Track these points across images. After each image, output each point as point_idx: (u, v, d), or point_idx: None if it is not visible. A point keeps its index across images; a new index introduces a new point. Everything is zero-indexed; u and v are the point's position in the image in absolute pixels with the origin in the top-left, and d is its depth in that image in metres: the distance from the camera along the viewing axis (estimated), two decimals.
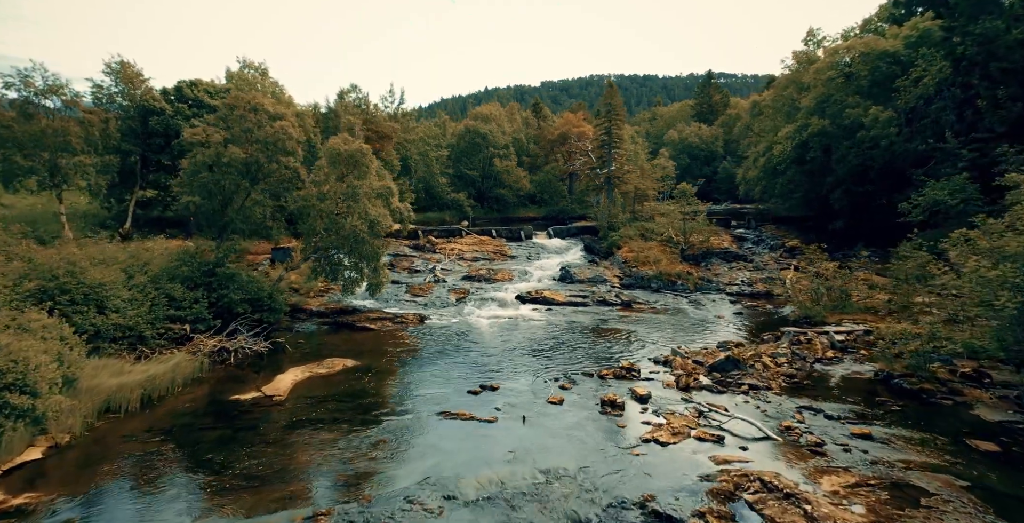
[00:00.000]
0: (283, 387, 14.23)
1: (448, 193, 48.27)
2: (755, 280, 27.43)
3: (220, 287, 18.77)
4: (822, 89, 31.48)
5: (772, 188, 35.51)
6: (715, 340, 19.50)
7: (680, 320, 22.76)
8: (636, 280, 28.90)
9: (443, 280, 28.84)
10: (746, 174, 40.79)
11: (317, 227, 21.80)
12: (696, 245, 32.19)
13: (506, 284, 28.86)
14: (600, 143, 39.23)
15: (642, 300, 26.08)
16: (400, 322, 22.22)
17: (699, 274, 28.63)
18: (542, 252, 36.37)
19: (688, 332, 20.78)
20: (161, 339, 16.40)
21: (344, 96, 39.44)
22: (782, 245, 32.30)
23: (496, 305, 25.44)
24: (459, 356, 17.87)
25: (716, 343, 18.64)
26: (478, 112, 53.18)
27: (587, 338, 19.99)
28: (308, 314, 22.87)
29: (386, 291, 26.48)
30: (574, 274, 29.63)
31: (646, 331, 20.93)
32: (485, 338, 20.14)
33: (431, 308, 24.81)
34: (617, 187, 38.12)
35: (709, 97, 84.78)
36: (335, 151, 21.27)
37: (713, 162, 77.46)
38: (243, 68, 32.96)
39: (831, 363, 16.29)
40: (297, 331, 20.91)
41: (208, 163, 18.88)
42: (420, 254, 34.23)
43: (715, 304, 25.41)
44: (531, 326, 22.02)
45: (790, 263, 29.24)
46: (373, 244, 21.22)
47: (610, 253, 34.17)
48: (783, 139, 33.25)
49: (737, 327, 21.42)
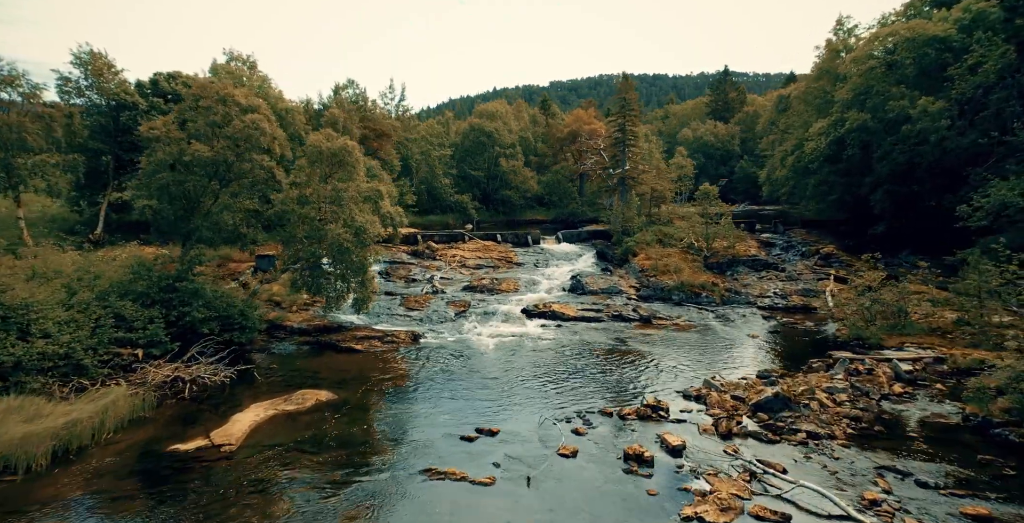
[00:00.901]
0: (238, 432, 11.73)
1: (451, 195, 45.80)
2: (789, 292, 24.55)
3: (182, 304, 16.37)
4: (860, 80, 28.52)
5: (803, 189, 32.56)
6: (752, 366, 16.74)
7: (708, 339, 19.99)
8: (655, 291, 26.14)
9: (442, 291, 26.30)
10: (772, 174, 37.85)
11: (298, 234, 19.40)
12: (720, 252, 29.35)
13: (511, 295, 26.26)
14: (613, 141, 36.51)
15: (663, 315, 23.33)
16: (390, 341, 19.70)
17: (725, 285, 25.81)
18: (551, 259, 33.70)
19: (719, 355, 18.02)
20: (106, 367, 14.01)
21: (339, 91, 37.12)
22: (816, 252, 29.33)
23: (500, 320, 22.84)
24: (454, 386, 15.29)
25: (756, 372, 15.87)
26: (483, 109, 50.70)
27: (603, 362, 17.32)
28: (288, 332, 20.42)
29: (378, 304, 24.03)
30: (586, 284, 26.95)
31: (670, 353, 18.21)
32: (486, 362, 17.55)
33: (427, 324, 22.27)
34: (632, 188, 35.38)
35: (725, 94, 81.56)
36: (316, 149, 18.84)
37: (729, 161, 74.30)
38: (230, 60, 30.73)
39: (902, 401, 13.46)
40: (273, 352, 18.45)
41: (169, 162, 16.49)
42: (418, 261, 31.73)
43: (746, 320, 22.59)
44: (538, 346, 19.39)
45: (828, 272, 26.31)
46: (360, 254, 18.76)
47: (625, 260, 31.43)
48: (815, 135, 30.32)
49: (775, 349, 18.61)
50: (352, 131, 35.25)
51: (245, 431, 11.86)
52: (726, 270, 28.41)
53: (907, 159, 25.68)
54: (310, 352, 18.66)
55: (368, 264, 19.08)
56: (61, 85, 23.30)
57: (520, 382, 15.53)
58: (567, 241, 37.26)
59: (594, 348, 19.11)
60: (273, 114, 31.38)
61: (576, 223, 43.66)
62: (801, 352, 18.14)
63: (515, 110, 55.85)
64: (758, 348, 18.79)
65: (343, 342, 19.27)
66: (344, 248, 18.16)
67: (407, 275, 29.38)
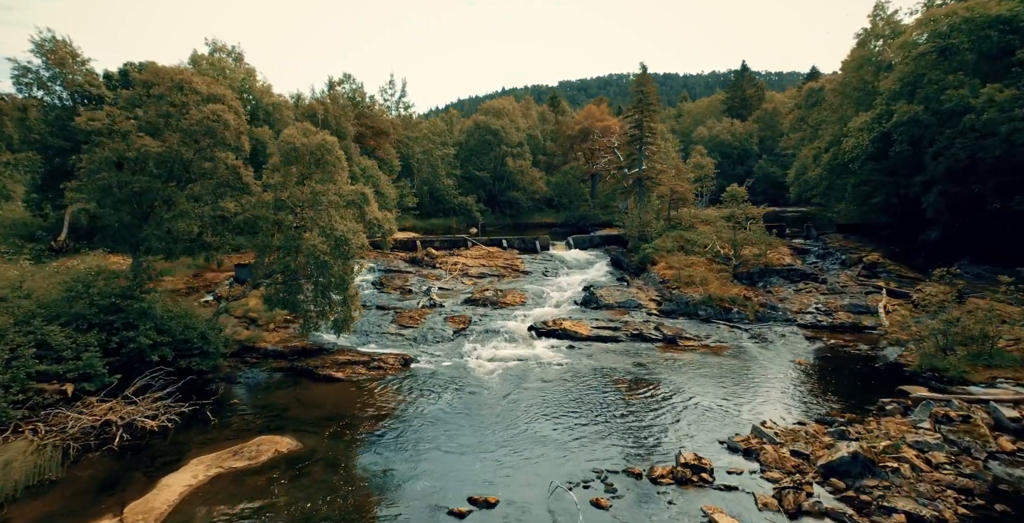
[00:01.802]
0: (161, 504, 9.13)
1: (455, 196, 43.26)
2: (834, 307, 21.55)
3: (127, 328, 13.88)
4: (908, 68, 25.44)
5: (840, 190, 29.48)
6: (805, 404, 13.85)
7: (745, 366, 17.10)
8: (678, 306, 23.26)
9: (440, 305, 23.65)
10: (801, 174, 34.74)
11: (271, 243, 16.86)
12: (750, 260, 26.39)
13: (517, 310, 23.54)
14: (629, 138, 33.65)
15: (690, 334, 20.46)
16: (377, 367, 17.06)
17: (759, 298, 22.85)
18: (561, 267, 30.92)
19: (762, 387, 15.14)
20: (22, 409, 11.52)
21: (334, 87, 34.71)
22: (858, 260, 26.24)
23: (503, 340, 20.12)
24: (446, 431, 12.60)
25: (815, 415, 12.98)
26: (489, 106, 48.09)
27: (624, 397, 14.52)
28: (261, 355, 17.87)
29: (367, 320, 21.45)
30: (600, 297, 24.14)
31: (703, 385, 15.37)
32: (485, 396, 14.84)
33: (421, 345, 19.62)
34: (650, 190, 32.49)
35: (742, 90, 78.20)
36: (290, 145, 16.28)
37: (747, 161, 70.98)
38: (213, 51, 28.41)
39: (1017, 462, 10.51)
40: (239, 382, 15.89)
41: (114, 159, 14.01)
42: (416, 270, 29.12)
43: (786, 341, 19.64)
44: (547, 374, 16.65)
45: (876, 285, 23.24)
46: (341, 267, 16.17)
47: (642, 269, 28.56)
48: (856, 131, 27.25)
49: (829, 380, 15.67)
50: (346, 128, 32.82)
51: (173, 502, 9.25)
52: (757, 281, 25.44)
53: (968, 155, 22.57)
54: (282, 381, 16.07)
55: (350, 279, 16.48)
56: (19, 76, 21.03)
57: (525, 426, 12.81)
58: (578, 247, 34.46)
59: (613, 377, 16.33)
60: (259, 110, 29.15)
61: (588, 227, 40.83)
62: (862, 385, 15.19)
63: (523, 107, 53.18)
64: (807, 378, 15.87)
65: (321, 368, 16.67)
66: (321, 261, 15.57)
67: (403, 285, 26.77)
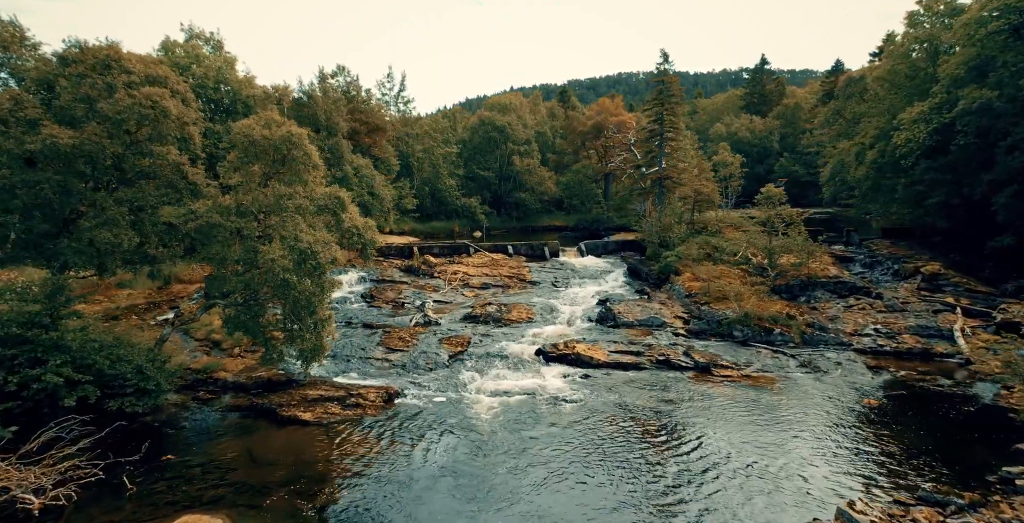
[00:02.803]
0: None
1: (458, 198, 40.43)
2: (897, 329, 18.29)
3: (33, 364, 11.12)
4: (975, 49, 22.11)
5: (888, 190, 26.15)
6: (893, 466, 10.73)
7: (801, 406, 13.97)
8: (709, 325, 20.14)
9: (435, 322, 20.74)
10: (837, 173, 31.42)
11: (228, 256, 14.04)
12: (788, 271, 23.17)
13: (523, 328, 20.58)
14: (648, 134, 30.53)
15: (726, 360, 17.33)
16: (354, 405, 14.17)
17: (805, 317, 19.65)
18: (572, 276, 27.88)
19: (830, 440, 12.03)
20: None
21: (326, 79, 31.97)
22: (915, 271, 22.89)
23: (507, 366, 17.18)
24: (426, 504, 9.66)
25: (917, 489, 9.83)
26: (495, 102, 45.23)
27: (654, 454, 11.50)
28: (220, 387, 15.06)
29: (350, 341, 18.63)
30: (618, 314, 21.09)
31: (752, 434, 12.31)
32: (482, 450, 11.88)
33: (410, 373, 16.72)
34: (670, 190, 29.35)
35: (762, 86, 74.66)
36: (247, 139, 13.42)
37: (767, 159, 67.40)
38: (189, 38, 25.76)
39: None
40: (182, 427, 13.06)
41: (19, 153, 11.26)
42: (412, 280, 26.27)
43: (844, 371, 16.45)
44: (559, 416, 13.68)
45: (944, 301, 19.91)
46: (309, 287, 13.31)
47: (664, 279, 25.46)
48: (909, 123, 23.92)
49: (915, 430, 12.49)
50: (338, 124, 30.08)
51: None
52: (798, 295, 22.23)
53: None
54: (236, 425, 13.23)
55: (320, 300, 13.59)
56: None
57: (530, 494, 9.84)
58: (591, 254, 31.38)
59: (638, 420, 13.32)
60: (237, 102, 26.37)
61: (601, 231, 37.73)
62: (961, 439, 12.00)
63: (531, 103, 50.24)
64: (886, 428, 12.71)
65: (286, 407, 13.80)
66: (282, 279, 12.72)
67: (395, 298, 23.91)
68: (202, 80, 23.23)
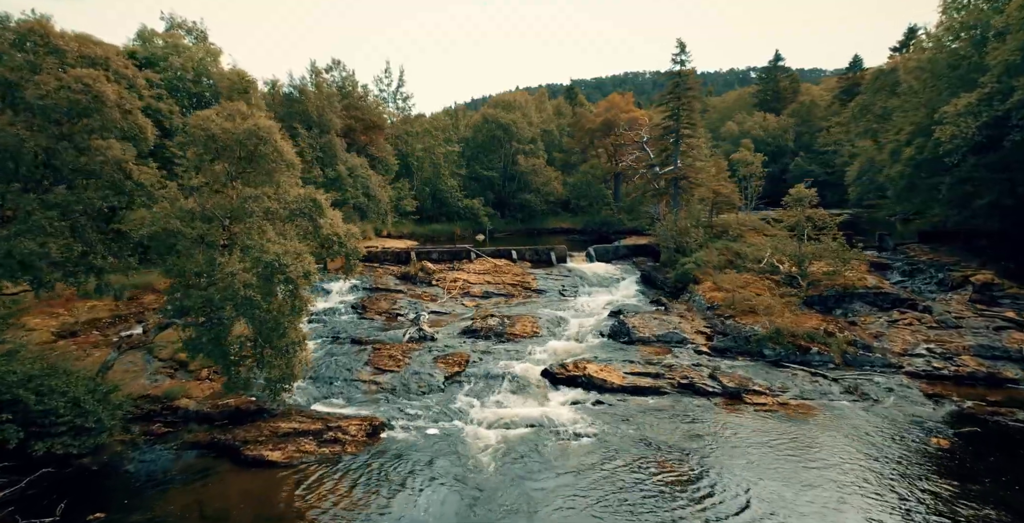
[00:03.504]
0: None
1: (459, 199, 38.47)
2: (955, 349, 16.07)
3: None
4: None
5: (928, 190, 23.86)
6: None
7: (854, 445, 11.86)
8: (736, 342, 18.00)
9: (431, 337, 18.77)
10: (865, 172, 29.11)
11: (187, 268, 12.14)
12: (821, 280, 20.99)
13: (528, 343, 18.56)
14: (663, 131, 28.40)
15: (758, 385, 15.18)
16: (332, 440, 12.22)
17: (846, 334, 17.46)
18: (580, 284, 25.82)
19: (894, 494, 9.93)
20: None
21: (319, 73, 30.10)
22: (964, 280, 20.62)
23: (509, 390, 15.18)
24: None
25: None
26: (500, 99, 43.28)
27: (683, 502, 9.43)
28: (180, 418, 13.15)
29: (335, 360, 16.71)
30: (633, 328, 19.01)
31: (800, 484, 10.24)
32: (479, 499, 9.89)
33: (400, 398, 14.75)
34: (687, 191, 27.22)
35: (775, 82, 72.06)
36: (205, 132, 11.50)
37: (781, 158, 64.84)
38: (170, 28, 23.98)
39: None
40: (125, 471, 11.13)
41: None
42: (409, 288, 24.32)
43: (897, 399, 14.27)
44: (567, 456, 11.67)
45: (1005, 316, 17.65)
46: (278, 306, 11.38)
47: (682, 289, 23.35)
48: (954, 117, 21.64)
49: (1005, 482, 10.34)
50: (331, 120, 28.21)
51: None
52: (833, 308, 20.04)
53: None
54: (190, 468, 11.30)
55: (289, 321, 11.64)
56: None
57: None
58: (601, 259, 29.30)
59: (663, 462, 11.29)
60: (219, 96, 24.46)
61: (611, 234, 35.61)
62: None
63: (536, 100, 48.19)
64: (963, 476, 10.56)
65: (252, 445, 11.86)
66: (246, 298, 10.79)
67: (389, 309, 21.97)
68: (180, 72, 21.41)
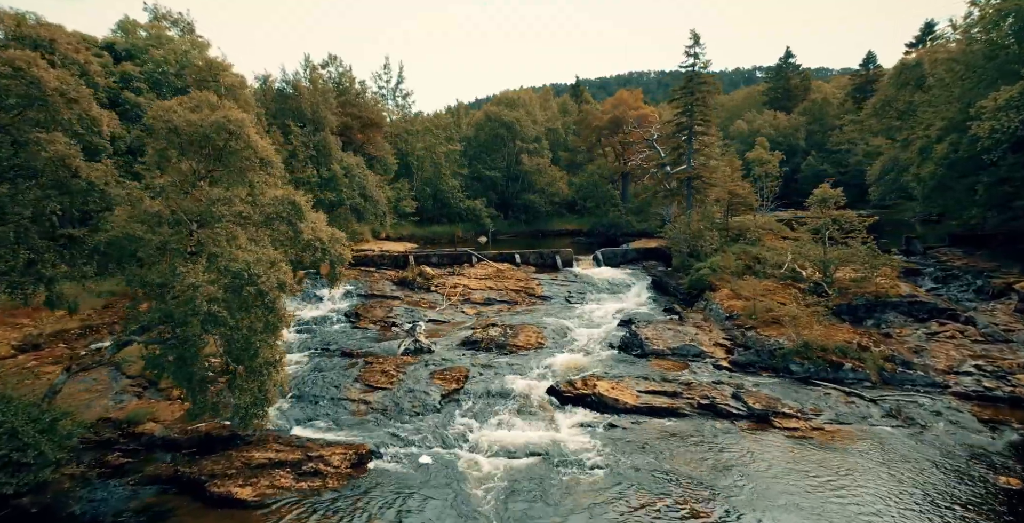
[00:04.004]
0: None
1: (461, 200, 37.07)
2: (1009, 366, 14.51)
3: None
4: None
5: (962, 190, 22.25)
6: None
7: (901, 480, 10.37)
8: (759, 356, 16.48)
9: (428, 349, 17.35)
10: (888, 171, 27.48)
11: (148, 279, 10.77)
12: (849, 288, 19.44)
13: (532, 356, 17.13)
14: (675, 128, 26.90)
15: (787, 406, 13.66)
16: (312, 473, 10.83)
17: (882, 348, 15.90)
18: (588, 290, 24.35)
19: None
20: None
21: (314, 69, 28.80)
22: (1007, 288, 19.01)
23: (512, 411, 13.76)
24: None
25: None
26: (503, 97, 41.89)
27: None
28: (144, 445, 11.80)
29: (323, 377, 15.33)
30: (646, 340, 17.52)
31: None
32: None
33: (392, 420, 13.34)
34: (700, 192, 25.71)
35: (786, 80, 70.27)
36: (168, 126, 10.13)
37: (793, 157, 63.11)
38: (154, 19, 22.76)
39: None
40: (71, 513, 9.77)
41: None
42: (406, 294, 22.93)
43: (947, 424, 12.72)
44: (578, 493, 10.24)
45: None
46: (249, 322, 10.00)
47: (697, 296, 21.85)
48: (993, 112, 20.05)
49: None
50: (326, 118, 26.88)
51: None
52: (864, 318, 18.49)
53: None
54: (147, 509, 9.92)
55: (267, 341, 10.24)
56: None
57: None
58: (608, 263, 27.81)
59: (686, 501, 9.83)
60: None
61: (618, 237, 34.12)
62: None
63: (541, 97, 46.77)
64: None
65: (221, 480, 10.48)
66: (209, 313, 9.41)
67: (384, 317, 20.59)
68: (163, 65, 20.13)
